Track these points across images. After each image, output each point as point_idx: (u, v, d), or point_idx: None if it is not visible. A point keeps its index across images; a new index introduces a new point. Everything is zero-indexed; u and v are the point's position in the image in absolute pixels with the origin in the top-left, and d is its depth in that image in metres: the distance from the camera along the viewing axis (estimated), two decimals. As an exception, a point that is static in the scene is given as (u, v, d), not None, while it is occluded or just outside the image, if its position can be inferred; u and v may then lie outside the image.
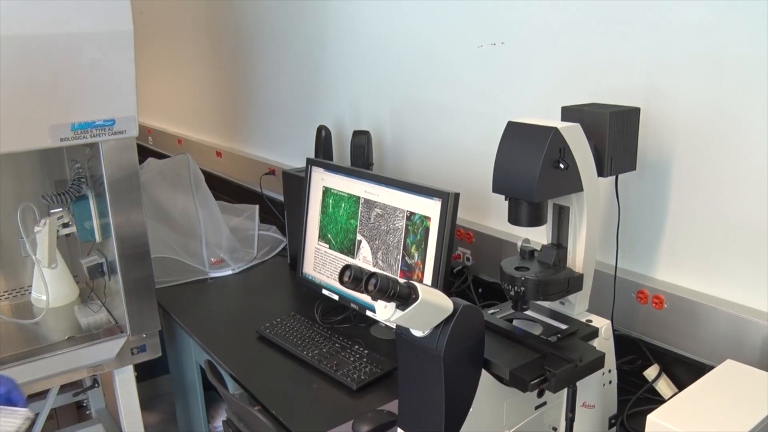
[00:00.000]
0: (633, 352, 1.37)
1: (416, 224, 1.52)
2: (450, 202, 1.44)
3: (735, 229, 1.25)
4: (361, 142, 1.95)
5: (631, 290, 1.37)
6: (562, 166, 1.08)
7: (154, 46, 3.59)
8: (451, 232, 1.46)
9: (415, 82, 1.90)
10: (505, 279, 1.16)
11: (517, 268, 1.16)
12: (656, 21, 1.29)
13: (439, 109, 1.84)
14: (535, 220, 1.15)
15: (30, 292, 1.93)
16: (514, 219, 1.16)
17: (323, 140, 2.09)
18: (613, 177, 1.32)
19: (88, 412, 2.45)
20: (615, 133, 1.20)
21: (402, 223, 1.55)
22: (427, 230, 1.49)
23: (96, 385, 2.34)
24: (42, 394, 2.03)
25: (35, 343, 1.67)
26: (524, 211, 1.14)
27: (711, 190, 1.27)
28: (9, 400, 1.05)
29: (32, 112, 1.43)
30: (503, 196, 1.15)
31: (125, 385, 1.81)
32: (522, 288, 1.13)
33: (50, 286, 1.82)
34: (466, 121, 1.76)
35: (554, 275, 1.16)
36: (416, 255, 1.52)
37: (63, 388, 2.18)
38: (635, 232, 1.39)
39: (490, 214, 1.73)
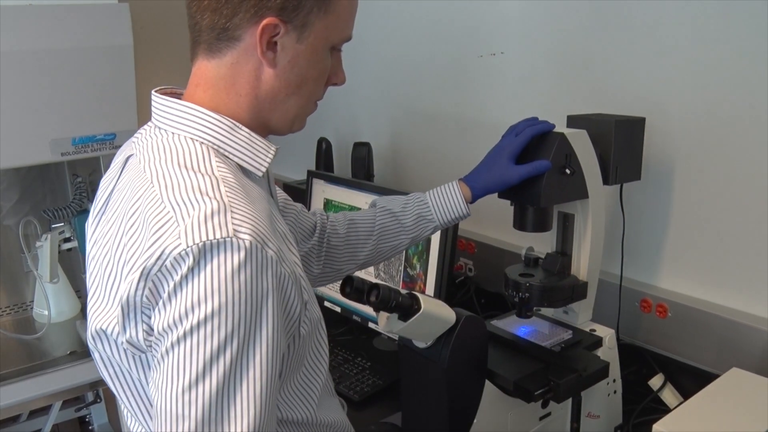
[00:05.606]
0: (637, 361, 1.36)
1: (418, 235, 1.52)
2: (451, 212, 1.44)
3: (738, 237, 1.25)
4: (362, 153, 1.95)
5: (634, 299, 1.37)
6: (568, 171, 1.09)
7: (155, 60, 3.60)
8: (453, 242, 1.46)
9: (415, 93, 1.90)
10: (509, 285, 1.16)
11: (521, 275, 1.16)
12: (656, 29, 1.29)
13: (439, 119, 1.84)
14: (541, 226, 1.15)
15: (32, 308, 1.93)
16: (519, 225, 1.16)
17: (324, 152, 2.10)
18: (617, 186, 1.32)
19: (91, 428, 2.43)
20: (620, 142, 1.20)
21: (403, 234, 1.55)
22: (428, 241, 1.49)
23: (98, 400, 2.33)
24: (45, 410, 2.02)
25: (37, 358, 1.67)
26: (530, 217, 1.14)
27: (714, 198, 1.27)
28: None
29: (33, 127, 1.44)
30: (506, 206, 1.15)
31: (127, 399, 1.80)
32: (527, 294, 1.13)
33: (52, 301, 1.82)
34: (467, 131, 1.76)
35: (559, 282, 1.16)
36: (418, 266, 1.52)
37: (65, 404, 2.16)
38: (638, 241, 1.39)
39: (492, 225, 1.73)
